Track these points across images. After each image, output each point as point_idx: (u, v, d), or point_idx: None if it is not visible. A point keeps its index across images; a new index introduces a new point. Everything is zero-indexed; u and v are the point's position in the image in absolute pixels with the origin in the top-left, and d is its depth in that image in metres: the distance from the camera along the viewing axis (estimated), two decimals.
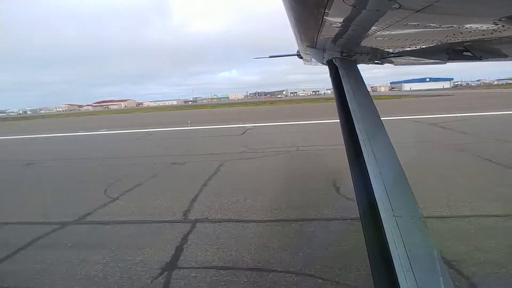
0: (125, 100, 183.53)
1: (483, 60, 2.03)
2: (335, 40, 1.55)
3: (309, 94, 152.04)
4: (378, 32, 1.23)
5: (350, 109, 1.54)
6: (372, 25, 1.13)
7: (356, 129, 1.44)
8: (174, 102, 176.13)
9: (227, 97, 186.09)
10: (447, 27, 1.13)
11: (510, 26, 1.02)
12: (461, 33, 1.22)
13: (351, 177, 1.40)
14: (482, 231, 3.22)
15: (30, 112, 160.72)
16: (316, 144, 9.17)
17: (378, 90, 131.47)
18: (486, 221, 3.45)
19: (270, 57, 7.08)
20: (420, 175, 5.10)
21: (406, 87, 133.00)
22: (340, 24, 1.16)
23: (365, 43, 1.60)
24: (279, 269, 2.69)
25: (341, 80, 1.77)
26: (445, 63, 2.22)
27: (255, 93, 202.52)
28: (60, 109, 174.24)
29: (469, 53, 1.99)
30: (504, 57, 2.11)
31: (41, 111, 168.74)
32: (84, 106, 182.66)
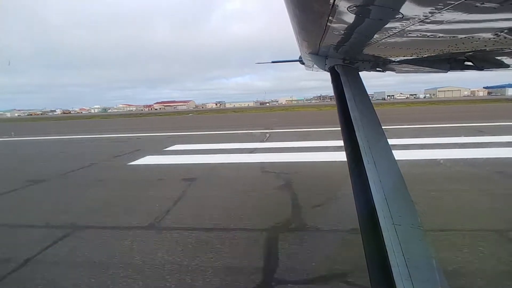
0: (187, 102, 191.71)
1: (484, 70, 2.05)
2: (337, 47, 1.56)
3: (407, 97, 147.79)
4: (381, 41, 1.24)
5: (351, 117, 1.55)
6: (375, 34, 1.15)
7: (357, 137, 1.44)
8: (251, 104, 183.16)
9: (303, 100, 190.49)
10: (449, 38, 1.14)
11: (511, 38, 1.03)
12: (462, 43, 1.23)
13: (351, 184, 1.40)
14: None
15: (110, 111, 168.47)
16: None
17: (476, 95, 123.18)
18: None
19: (273, 62, 7.11)
20: None
21: (510, 91, 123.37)
22: (343, 32, 1.17)
23: (368, 51, 1.61)
24: None
25: (342, 87, 1.78)
26: (447, 72, 2.24)
27: (319, 96, 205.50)
28: (132, 109, 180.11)
29: (470, 63, 2.01)
30: (505, 67, 2.13)
31: (109, 111, 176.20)
32: (153, 105, 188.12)
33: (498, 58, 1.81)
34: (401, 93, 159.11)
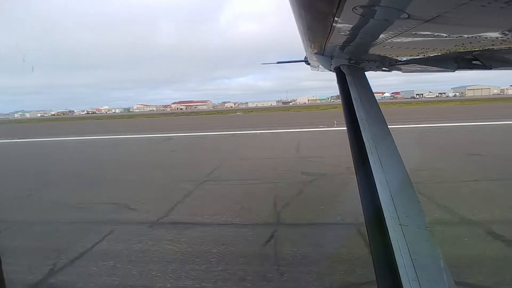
0: (206, 101, 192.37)
1: (492, 69, 2.02)
2: (343, 47, 1.56)
3: (436, 96, 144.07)
4: (387, 41, 1.24)
5: (357, 116, 1.54)
6: (381, 34, 1.14)
7: (363, 136, 1.43)
8: (274, 103, 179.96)
9: (326, 99, 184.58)
10: (456, 37, 1.13)
11: None
12: (470, 42, 1.22)
13: (357, 184, 1.39)
14: None
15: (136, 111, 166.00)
16: None
17: (505, 93, 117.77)
18: None
19: (278, 62, 7.11)
20: None
21: None
22: (348, 33, 1.17)
23: (373, 51, 1.61)
24: None
25: (348, 87, 1.78)
26: (454, 71, 2.22)
27: (338, 95, 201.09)
28: (150, 109, 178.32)
29: (478, 62, 1.98)
30: None
31: (134, 111, 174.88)
32: (171, 105, 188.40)
33: (507, 57, 1.79)
34: (430, 92, 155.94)
